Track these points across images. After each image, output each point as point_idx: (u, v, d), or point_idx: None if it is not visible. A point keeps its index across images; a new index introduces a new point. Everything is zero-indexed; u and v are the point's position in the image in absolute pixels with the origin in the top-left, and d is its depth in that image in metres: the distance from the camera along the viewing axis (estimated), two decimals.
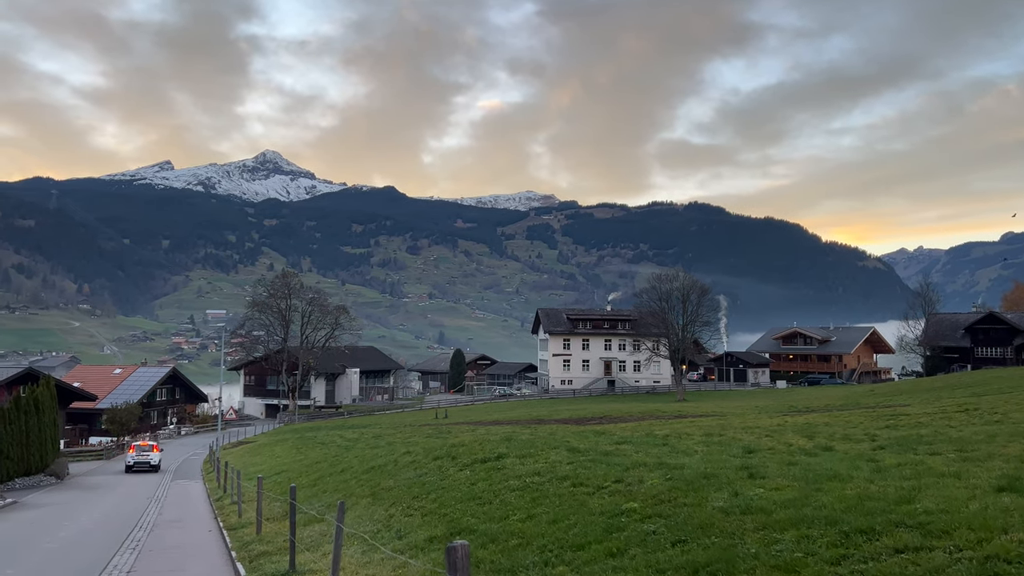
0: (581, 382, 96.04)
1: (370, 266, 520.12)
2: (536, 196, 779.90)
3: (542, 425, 33.76)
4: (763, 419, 27.78)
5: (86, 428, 66.63)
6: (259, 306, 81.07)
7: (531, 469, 13.27)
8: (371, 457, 21.81)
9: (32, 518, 20.89)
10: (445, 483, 13.86)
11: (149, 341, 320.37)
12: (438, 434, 35.98)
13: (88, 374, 79.70)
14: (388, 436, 38.53)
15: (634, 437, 17.34)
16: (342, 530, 7.64)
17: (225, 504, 21.03)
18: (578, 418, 41.11)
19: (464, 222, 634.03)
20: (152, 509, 21.94)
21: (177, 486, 31.40)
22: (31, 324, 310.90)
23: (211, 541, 14.64)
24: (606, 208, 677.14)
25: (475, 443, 18.55)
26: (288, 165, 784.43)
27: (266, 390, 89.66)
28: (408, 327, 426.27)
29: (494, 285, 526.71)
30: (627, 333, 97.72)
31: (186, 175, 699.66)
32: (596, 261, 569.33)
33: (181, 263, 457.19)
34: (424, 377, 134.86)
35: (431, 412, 68.30)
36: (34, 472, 33.35)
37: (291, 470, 26.70)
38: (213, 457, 39.03)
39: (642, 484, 10.58)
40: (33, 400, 33.60)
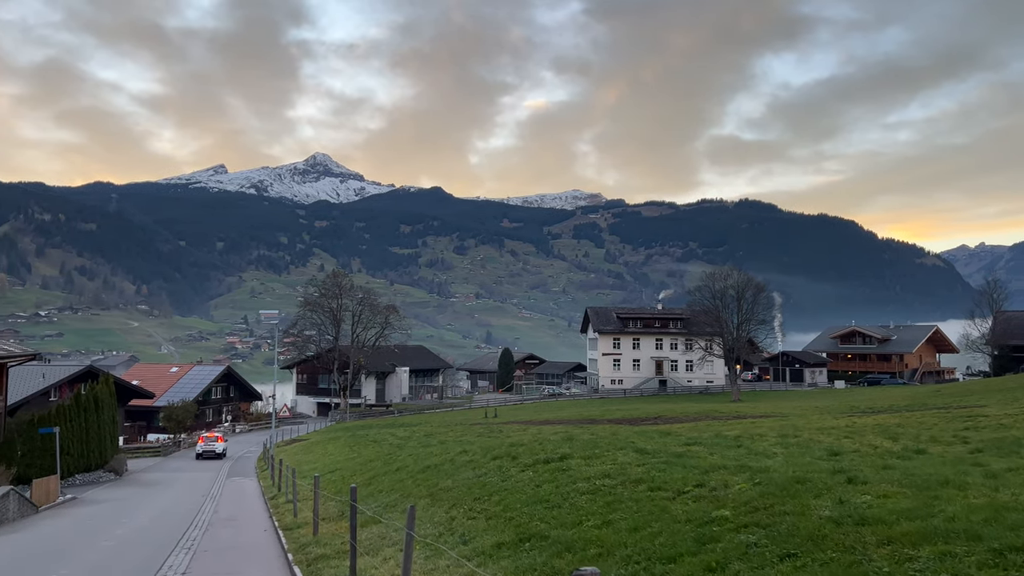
0: (632, 382, 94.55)
1: (418, 266, 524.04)
2: (583, 195, 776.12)
3: (596, 425, 32.91)
4: (828, 420, 26.48)
5: (144, 425, 67.97)
6: (311, 305, 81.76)
7: (599, 471, 12.49)
8: (425, 456, 21.28)
9: (90, 514, 20.91)
10: (507, 484, 13.17)
11: (204, 341, 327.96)
12: (490, 433, 35.36)
13: (146, 372, 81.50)
14: (439, 435, 38.10)
15: (704, 438, 16.41)
16: (413, 538, 6.98)
17: (280, 503, 20.73)
18: (632, 418, 40.13)
19: (510, 222, 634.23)
20: (207, 507, 21.77)
21: (232, 483, 31.42)
22: (93, 324, 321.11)
23: (267, 542, 14.22)
24: (654, 206, 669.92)
25: (534, 443, 17.84)
26: (338, 167, 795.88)
27: (318, 388, 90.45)
28: (455, 327, 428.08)
29: (541, 285, 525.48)
30: (679, 332, 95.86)
31: (239, 178, 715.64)
32: (644, 260, 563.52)
33: (235, 264, 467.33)
34: (472, 376, 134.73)
35: (480, 411, 67.84)
36: (94, 468, 33.79)
37: (344, 468, 26.37)
38: (267, 455, 39.15)
39: (727, 489, 9.73)
40: (93, 397, 34.04)
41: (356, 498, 9.58)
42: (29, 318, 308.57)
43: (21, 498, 19.65)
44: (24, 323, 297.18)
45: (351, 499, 9.44)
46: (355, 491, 9.63)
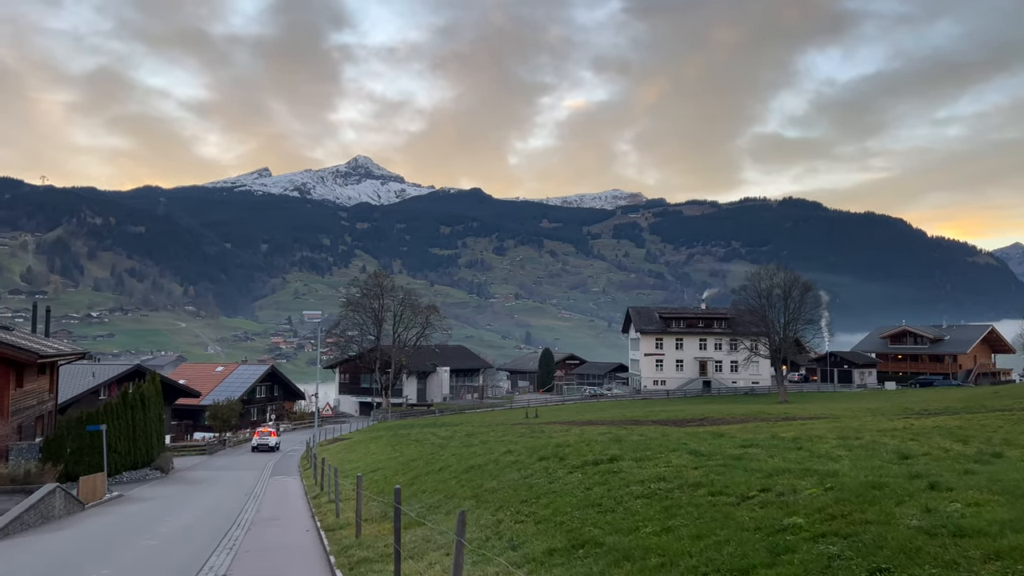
0: (675, 383, 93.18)
1: (457, 267, 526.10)
2: (622, 194, 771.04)
3: (640, 426, 32.20)
4: (883, 422, 25.40)
5: (191, 424, 69.00)
6: (353, 305, 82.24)
7: (653, 474, 11.88)
8: (469, 456, 20.85)
9: (135, 512, 20.94)
10: (555, 486, 12.63)
11: (249, 341, 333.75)
12: (532, 433, 34.87)
13: (192, 372, 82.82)
14: (481, 434, 37.72)
15: (760, 440, 15.66)
16: (463, 545, 6.50)
17: (322, 502, 20.49)
18: (677, 419, 39.27)
19: (550, 222, 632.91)
20: (250, 505, 21.66)
21: (275, 482, 31.43)
22: (142, 325, 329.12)
23: (309, 543, 13.91)
24: (695, 205, 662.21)
25: (581, 443, 17.28)
26: (379, 170, 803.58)
27: (360, 388, 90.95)
28: (495, 327, 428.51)
29: (580, 285, 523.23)
30: (723, 332, 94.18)
31: (283, 181, 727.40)
32: (685, 260, 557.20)
33: (279, 266, 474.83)
34: (513, 376, 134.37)
35: (521, 411, 67.37)
36: (140, 466, 34.13)
37: (387, 468, 26.10)
38: (310, 453, 39.20)
39: (796, 494, 9.06)
40: (139, 395, 34.40)
41: (400, 500, 9.13)
42: (82, 319, 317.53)
43: (67, 495, 19.75)
44: (77, 324, 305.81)
45: (395, 501, 9.00)
46: (399, 492, 9.19)
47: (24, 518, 15.91)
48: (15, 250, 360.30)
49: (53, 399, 37.18)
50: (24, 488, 18.53)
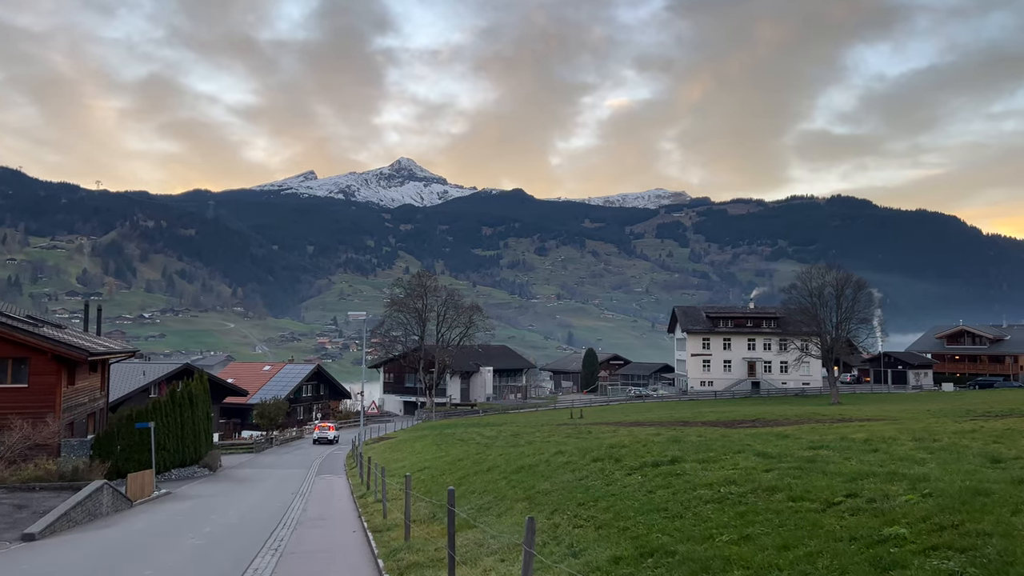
0: (722, 383, 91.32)
1: (499, 268, 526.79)
2: (666, 193, 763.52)
3: (690, 427, 31.23)
4: (949, 423, 24.01)
5: (239, 422, 69.78)
6: (397, 305, 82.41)
7: (721, 476, 11.09)
8: (517, 456, 20.22)
9: (182, 510, 20.81)
10: (613, 489, 11.92)
11: (296, 341, 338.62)
12: (578, 434, 34.11)
13: (240, 371, 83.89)
14: (527, 434, 37.07)
15: (828, 442, 14.70)
16: (532, 556, 5.83)
17: (369, 502, 20.08)
18: (727, 420, 38.09)
19: (592, 222, 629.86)
20: (297, 504, 21.37)
21: (321, 481, 31.25)
22: (192, 325, 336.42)
23: (355, 545, 13.42)
24: (741, 204, 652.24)
25: (637, 444, 16.50)
26: (421, 172, 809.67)
27: (404, 387, 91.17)
28: (537, 328, 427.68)
29: (623, 285, 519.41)
30: (772, 332, 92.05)
31: (328, 184, 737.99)
32: (731, 259, 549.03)
33: (324, 267, 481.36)
34: (556, 376, 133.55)
35: (565, 412, 66.56)
36: (188, 463, 34.30)
37: (433, 467, 25.63)
38: (356, 452, 39.05)
39: (890, 500, 8.21)
40: (187, 393, 34.59)
41: (454, 502, 8.54)
42: (134, 320, 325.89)
43: (115, 492, 19.67)
44: (130, 324, 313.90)
45: (448, 503, 8.42)
46: (452, 494, 8.60)
47: (71, 515, 15.79)
48: (72, 253, 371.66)
49: (104, 397, 37.68)
50: (72, 485, 18.50)
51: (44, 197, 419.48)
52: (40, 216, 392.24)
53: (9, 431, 23.29)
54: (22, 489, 18.09)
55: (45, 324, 33.41)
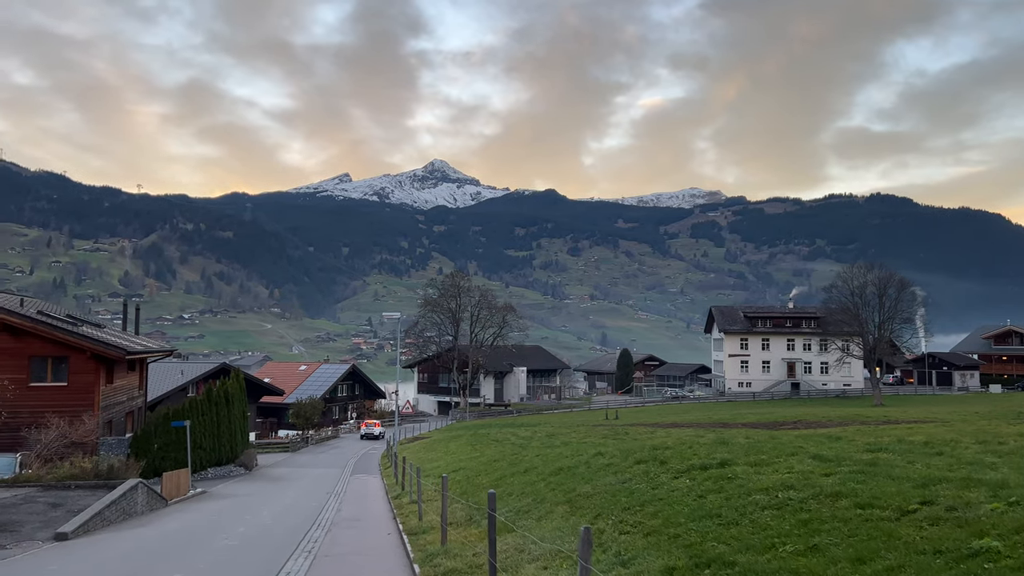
0: (760, 384, 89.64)
1: (532, 268, 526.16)
2: (701, 193, 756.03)
3: (729, 429, 30.40)
4: (1003, 426, 22.89)
5: (275, 421, 70.21)
6: (431, 305, 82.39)
7: (776, 481, 10.42)
8: (555, 457, 19.67)
9: (217, 509, 20.64)
10: (660, 493, 11.32)
11: (332, 342, 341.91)
12: (615, 435, 33.43)
13: (277, 371, 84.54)
14: (562, 435, 36.47)
15: (886, 444, 13.91)
16: (589, 572, 5.29)
17: (404, 503, 19.70)
18: (768, 422, 37.08)
19: (625, 222, 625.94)
20: (331, 505, 21.09)
21: (356, 481, 31.04)
22: (230, 326, 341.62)
23: (390, 548, 13.00)
24: (777, 203, 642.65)
25: (681, 446, 15.84)
26: (455, 173, 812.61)
27: (438, 387, 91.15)
28: (570, 328, 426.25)
29: (657, 285, 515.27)
30: (812, 332, 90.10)
31: (362, 186, 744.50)
32: (767, 259, 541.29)
33: (359, 269, 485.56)
34: (590, 377, 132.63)
35: (600, 413, 65.80)
36: (225, 462, 34.35)
37: (468, 468, 25.19)
38: (390, 452, 38.83)
39: (972, 509, 7.51)
40: (223, 392, 34.65)
41: (495, 506, 8.03)
42: (174, 320, 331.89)
43: (150, 491, 19.55)
44: (170, 325, 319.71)
45: (489, 507, 7.93)
46: (494, 498, 8.09)
47: (105, 514, 15.64)
48: (114, 255, 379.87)
49: (143, 396, 37.97)
50: (107, 484, 18.42)
51: (87, 201, 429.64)
52: (84, 219, 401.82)
53: (47, 429, 23.38)
54: (58, 487, 18.07)
55: (84, 323, 33.73)
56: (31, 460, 21.90)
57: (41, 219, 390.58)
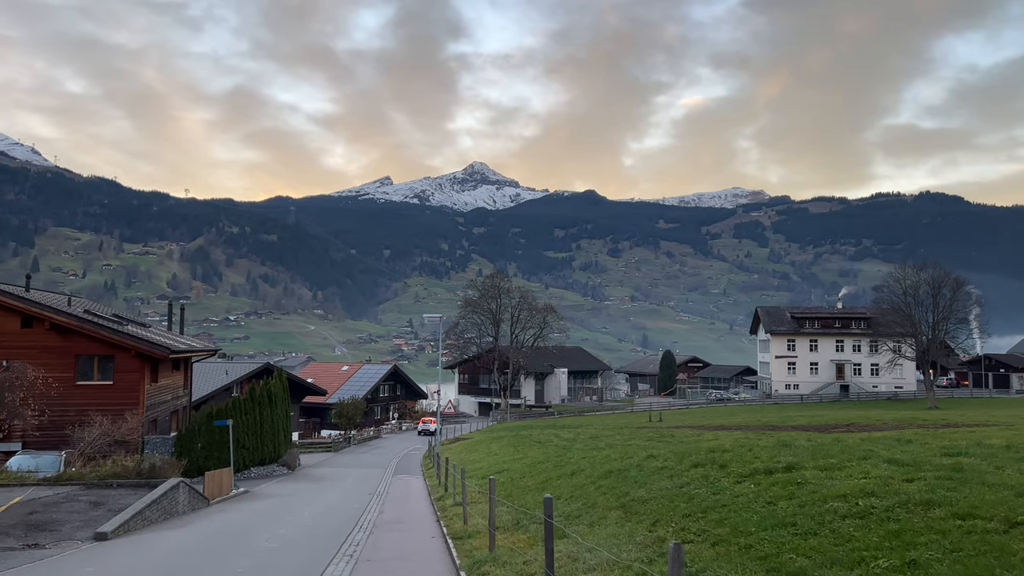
0: (808, 387, 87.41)
1: (572, 269, 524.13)
2: (743, 192, 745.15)
3: (778, 431, 29.30)
4: None
5: (318, 421, 70.60)
6: (471, 306, 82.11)
7: (853, 487, 9.59)
8: (603, 459, 18.95)
9: (258, 510, 20.36)
10: (723, 499, 10.55)
11: (374, 343, 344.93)
12: (660, 437, 32.52)
13: (319, 371, 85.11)
14: (605, 437, 35.67)
15: (963, 447, 12.91)
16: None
17: (447, 505, 19.18)
18: (819, 425, 35.85)
19: (666, 222, 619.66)
20: (373, 506, 20.68)
21: (399, 481, 30.68)
22: (275, 327, 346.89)
23: (435, 553, 12.44)
24: (822, 202, 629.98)
25: (740, 448, 15.00)
26: (494, 175, 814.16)
27: (479, 388, 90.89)
28: (610, 330, 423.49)
29: (699, 286, 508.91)
30: (862, 333, 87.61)
31: (403, 189, 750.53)
32: (812, 259, 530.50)
33: (400, 271, 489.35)
34: (632, 379, 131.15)
35: (643, 415, 64.66)
36: (267, 462, 34.30)
37: (512, 470, 24.58)
38: (432, 452, 38.44)
39: None
40: (266, 391, 34.62)
41: (552, 511, 7.38)
42: (220, 322, 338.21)
43: (192, 490, 19.34)
44: (216, 327, 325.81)
45: (546, 513, 7.28)
46: (551, 503, 7.43)
47: (145, 514, 15.39)
48: (162, 258, 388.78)
49: (187, 395, 38.22)
50: (149, 482, 18.25)
51: (137, 206, 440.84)
52: (133, 223, 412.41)
53: (90, 427, 23.43)
54: (100, 486, 17.94)
55: (130, 323, 34.00)
56: (74, 458, 21.94)
57: (93, 224, 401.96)
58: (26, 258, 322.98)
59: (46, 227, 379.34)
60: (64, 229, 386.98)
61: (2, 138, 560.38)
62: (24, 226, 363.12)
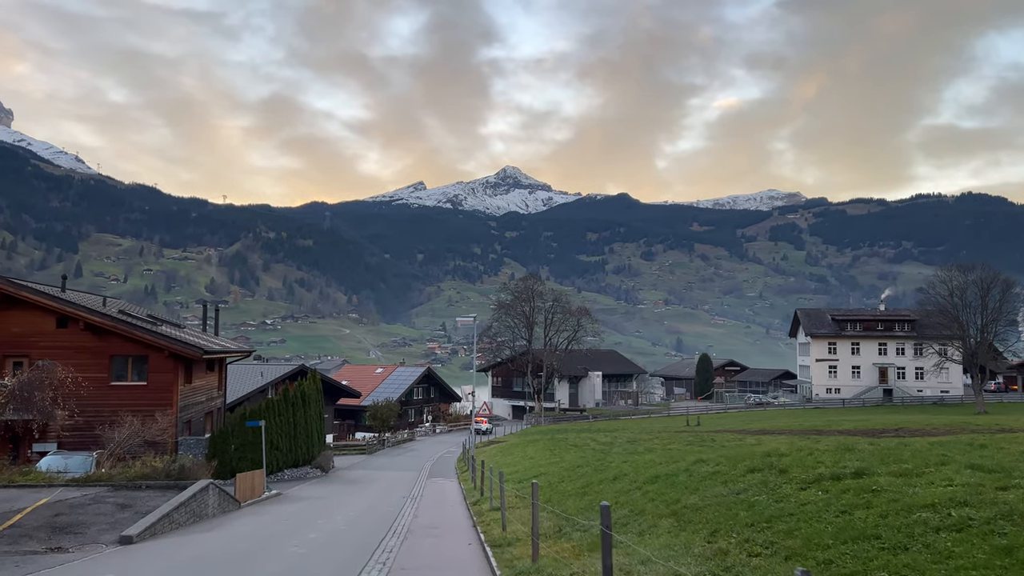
0: (850, 391, 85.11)
1: (605, 273, 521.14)
2: (779, 194, 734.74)
3: (825, 436, 28.05)
4: None
5: (352, 424, 70.48)
6: (505, 308, 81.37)
7: (940, 495, 8.62)
8: (646, 464, 18.06)
9: (290, 513, 19.80)
10: (788, 507, 9.64)
11: (407, 347, 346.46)
12: (701, 441, 31.47)
13: (354, 373, 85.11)
14: (645, 441, 34.68)
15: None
16: None
17: (483, 510, 18.44)
18: (866, 429, 34.39)
19: (700, 225, 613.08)
20: (407, 510, 20.03)
21: (433, 484, 30.04)
22: (311, 331, 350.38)
23: (472, 562, 11.68)
24: (861, 204, 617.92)
25: (799, 453, 13.99)
26: (526, 179, 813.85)
27: (512, 391, 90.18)
28: (644, 334, 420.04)
29: (734, 290, 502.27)
30: (906, 335, 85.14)
31: (436, 194, 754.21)
32: (850, 262, 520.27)
33: (434, 275, 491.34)
34: (667, 383, 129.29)
35: (679, 419, 63.30)
36: (301, 464, 33.89)
37: (550, 474, 23.77)
38: (467, 455, 37.77)
39: None
40: (300, 393, 34.25)
41: (610, 521, 6.55)
42: (257, 326, 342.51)
43: (222, 492, 18.84)
44: (253, 330, 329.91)
45: (603, 523, 6.46)
46: (608, 512, 6.56)
47: (173, 516, 14.89)
48: (201, 263, 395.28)
49: (222, 396, 38.03)
50: (178, 484, 17.80)
51: (176, 212, 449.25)
52: (173, 229, 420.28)
53: (120, 427, 23.16)
54: (128, 487, 17.52)
55: (164, 323, 33.91)
56: (104, 459, 21.64)
57: (134, 229, 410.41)
58: (70, 264, 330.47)
59: (89, 233, 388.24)
60: (106, 235, 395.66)
61: (47, 147, 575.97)
62: (68, 232, 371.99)
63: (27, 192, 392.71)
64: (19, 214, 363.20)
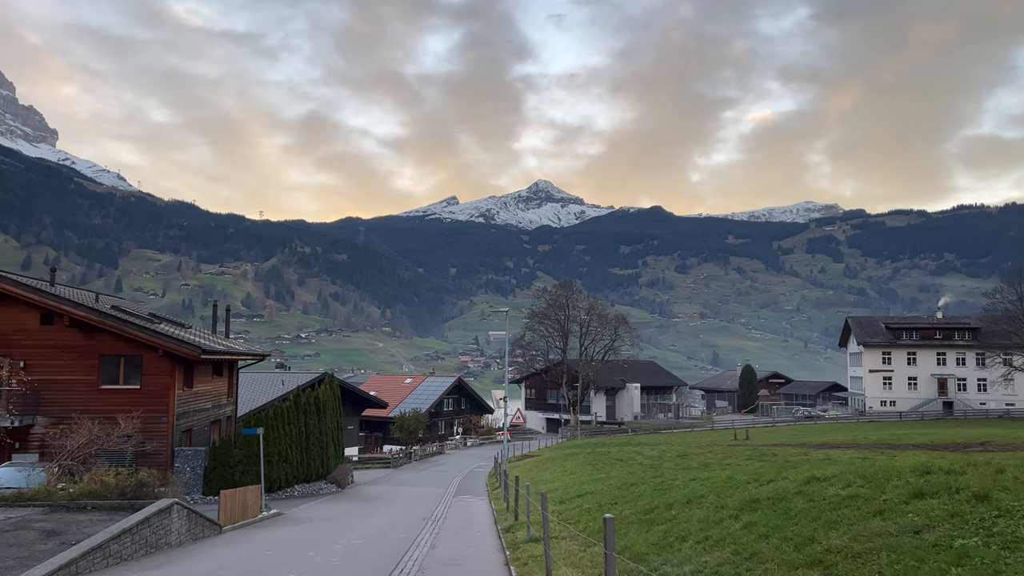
0: (906, 403, 79.63)
1: (638, 286, 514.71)
2: (816, 206, 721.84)
3: (903, 451, 23.95)
4: None
5: (380, 436, 67.12)
6: (539, 316, 77.63)
7: None
8: (724, 482, 14.23)
9: (280, 540, 16.19)
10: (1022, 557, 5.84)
11: (440, 360, 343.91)
12: (761, 456, 27.61)
13: (382, 384, 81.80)
14: (697, 455, 30.77)
15: None
16: None
17: (518, 539, 14.74)
18: (946, 443, 30.12)
19: (736, 238, 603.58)
20: (425, 536, 16.42)
21: (459, 503, 26.33)
22: (345, 345, 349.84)
23: None
24: (900, 215, 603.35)
25: (974, 469, 10.04)
26: (559, 193, 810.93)
27: (546, 404, 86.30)
28: (679, 348, 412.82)
29: (771, 303, 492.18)
30: (967, 344, 79.53)
31: (469, 208, 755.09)
32: (890, 274, 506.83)
33: (466, 289, 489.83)
34: (708, 396, 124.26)
35: (726, 432, 58.79)
36: (314, 479, 30.41)
37: (597, 492, 19.96)
38: (499, 471, 34.05)
39: None
40: (313, 399, 30.82)
41: None
42: (292, 340, 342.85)
43: (192, 515, 15.17)
44: (288, 344, 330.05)
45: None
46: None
47: (111, 548, 11.28)
48: (237, 278, 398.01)
49: (232, 404, 34.80)
50: (133, 504, 14.36)
51: (214, 228, 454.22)
52: (210, 245, 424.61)
53: (73, 434, 19.82)
54: (69, 508, 14.05)
55: (164, 321, 30.82)
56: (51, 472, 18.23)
57: (173, 245, 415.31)
58: (110, 279, 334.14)
59: (129, 249, 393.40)
60: (146, 251, 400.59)
61: (91, 165, 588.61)
62: (109, 248, 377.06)
63: (70, 209, 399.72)
64: (62, 230, 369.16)
